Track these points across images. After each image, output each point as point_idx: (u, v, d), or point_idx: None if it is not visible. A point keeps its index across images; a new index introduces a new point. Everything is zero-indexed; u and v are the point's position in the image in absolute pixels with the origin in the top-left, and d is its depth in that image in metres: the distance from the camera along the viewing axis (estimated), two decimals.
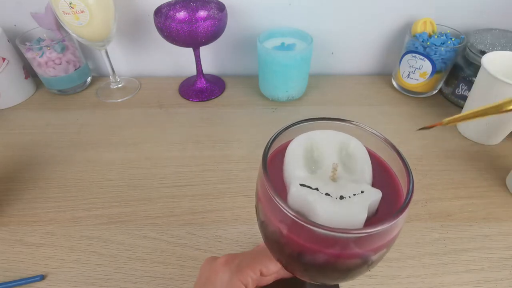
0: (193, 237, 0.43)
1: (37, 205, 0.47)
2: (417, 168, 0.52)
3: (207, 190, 0.49)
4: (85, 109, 0.65)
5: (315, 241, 0.19)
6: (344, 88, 0.70)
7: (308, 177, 0.21)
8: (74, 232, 0.44)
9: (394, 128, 0.60)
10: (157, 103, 0.67)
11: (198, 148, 0.56)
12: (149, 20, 0.66)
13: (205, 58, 0.71)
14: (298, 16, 0.66)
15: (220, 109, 0.65)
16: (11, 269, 0.40)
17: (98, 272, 0.40)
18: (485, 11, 0.65)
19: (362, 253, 0.19)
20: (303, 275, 0.24)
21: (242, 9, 0.66)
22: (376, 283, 0.38)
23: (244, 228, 0.44)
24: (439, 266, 0.40)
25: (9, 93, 0.65)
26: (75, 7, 0.53)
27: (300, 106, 0.66)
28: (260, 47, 0.59)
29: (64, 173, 0.52)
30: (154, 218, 0.45)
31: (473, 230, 0.43)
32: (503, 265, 0.40)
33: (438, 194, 0.48)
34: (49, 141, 0.58)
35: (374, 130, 0.23)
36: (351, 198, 0.20)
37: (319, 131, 0.24)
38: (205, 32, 0.56)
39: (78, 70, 0.67)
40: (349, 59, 0.74)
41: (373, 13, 0.66)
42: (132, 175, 0.51)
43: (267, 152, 0.22)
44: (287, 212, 0.19)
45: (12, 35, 0.66)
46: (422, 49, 0.60)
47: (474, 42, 0.59)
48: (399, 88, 0.69)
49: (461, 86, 0.62)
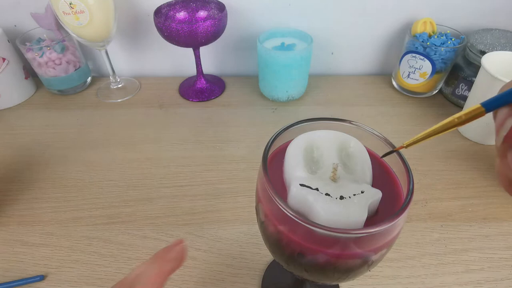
0: (193, 237, 0.43)
1: (37, 205, 0.47)
2: (417, 168, 0.52)
3: (207, 190, 0.49)
4: (85, 109, 0.65)
5: (315, 241, 0.19)
6: (344, 88, 0.70)
7: (308, 177, 0.21)
8: (74, 232, 0.44)
9: (394, 128, 0.60)
10: (157, 103, 0.67)
11: (198, 148, 0.56)
12: (149, 20, 0.67)
13: (205, 58, 0.71)
14: (298, 16, 0.66)
15: (220, 109, 0.65)
16: (11, 269, 0.40)
17: (98, 272, 0.40)
18: (485, 11, 0.65)
19: (362, 253, 0.19)
20: (303, 275, 0.24)
21: (242, 9, 0.66)
22: (376, 283, 0.38)
23: (244, 228, 0.44)
24: (439, 266, 0.40)
25: (9, 93, 0.65)
26: (75, 7, 0.53)
27: (300, 106, 0.66)
28: (260, 47, 0.59)
29: (64, 173, 0.52)
30: (154, 218, 0.45)
31: (473, 230, 0.43)
32: (503, 265, 0.40)
33: (438, 194, 0.48)
34: (49, 141, 0.58)
35: (374, 130, 0.23)
36: (351, 198, 0.20)
37: (319, 131, 0.24)
38: (205, 32, 0.56)
39: (78, 70, 0.67)
40: (349, 59, 0.74)
41: (373, 13, 0.66)
42: (132, 175, 0.51)
43: (267, 152, 0.22)
44: (287, 212, 0.19)
45: (12, 35, 0.66)
46: (422, 49, 0.60)
47: (474, 42, 0.59)
48: (399, 88, 0.69)
49: (461, 86, 0.62)
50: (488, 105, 0.16)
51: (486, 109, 0.16)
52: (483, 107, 0.16)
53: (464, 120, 0.16)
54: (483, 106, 0.16)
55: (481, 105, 0.16)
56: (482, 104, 0.16)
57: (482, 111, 0.16)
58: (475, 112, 0.16)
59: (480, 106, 0.16)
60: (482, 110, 0.16)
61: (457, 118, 0.17)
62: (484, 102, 0.16)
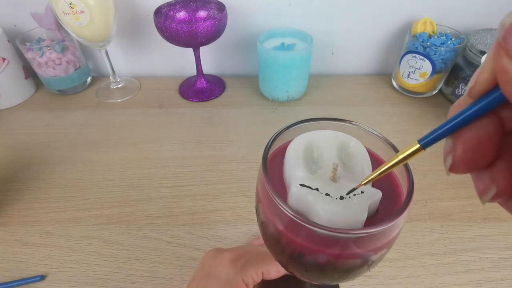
0: (193, 237, 0.43)
1: (37, 205, 0.47)
2: (417, 168, 0.52)
3: (207, 190, 0.49)
4: (85, 109, 0.65)
5: (315, 241, 0.19)
6: (344, 88, 0.70)
7: (308, 177, 0.21)
8: (74, 232, 0.44)
9: (394, 128, 0.60)
10: (157, 103, 0.67)
11: (198, 148, 0.56)
12: (149, 20, 0.66)
13: (205, 58, 0.71)
14: (298, 16, 0.66)
15: (220, 109, 0.65)
16: (11, 269, 0.40)
17: (98, 272, 0.40)
18: (485, 11, 0.65)
19: (362, 253, 0.19)
20: (303, 275, 0.23)
21: (242, 9, 0.66)
22: (376, 283, 0.38)
23: (244, 228, 0.44)
24: (439, 266, 0.40)
25: (9, 93, 0.65)
26: (75, 7, 0.53)
27: (300, 106, 0.66)
28: (260, 47, 0.59)
29: (64, 173, 0.52)
30: (154, 218, 0.45)
31: (473, 230, 0.43)
32: (503, 265, 0.40)
33: (438, 194, 0.48)
34: (49, 141, 0.58)
35: (374, 130, 0.23)
36: (351, 198, 0.20)
37: (319, 131, 0.24)
38: (205, 32, 0.56)
39: (78, 70, 0.67)
40: (349, 59, 0.74)
41: (373, 13, 0.66)
42: (132, 175, 0.51)
43: (267, 152, 0.22)
44: (287, 212, 0.19)
45: (12, 35, 0.66)
46: (422, 49, 0.60)
47: (474, 42, 0.59)
48: (399, 88, 0.69)
49: (461, 86, 0.62)
50: (425, 143, 0.16)
51: (422, 145, 0.16)
52: (419, 144, 0.16)
53: (405, 159, 0.17)
54: (419, 142, 0.16)
55: (418, 141, 0.16)
56: (419, 141, 0.16)
57: (419, 147, 0.16)
58: (414, 150, 0.16)
59: (417, 142, 0.16)
60: (419, 146, 0.16)
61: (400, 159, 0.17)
62: (420, 139, 0.16)
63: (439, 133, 0.15)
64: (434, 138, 0.15)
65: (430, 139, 0.15)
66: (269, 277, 0.29)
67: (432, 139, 0.15)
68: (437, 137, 0.15)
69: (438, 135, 0.15)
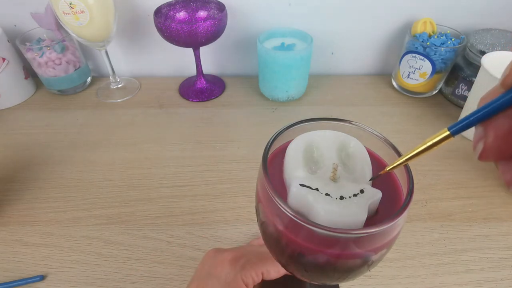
0: (193, 237, 0.43)
1: (37, 205, 0.47)
2: (417, 168, 0.52)
3: (207, 190, 0.49)
4: (85, 109, 0.65)
5: (315, 241, 0.19)
6: (344, 88, 0.70)
7: (308, 177, 0.21)
8: (74, 232, 0.44)
9: (394, 128, 0.60)
10: (157, 103, 0.67)
11: (198, 148, 0.56)
12: (149, 20, 0.66)
13: (205, 58, 0.71)
14: (298, 16, 0.66)
15: (220, 109, 0.65)
16: (11, 269, 0.40)
17: (98, 272, 0.40)
18: (485, 11, 0.65)
19: (362, 253, 0.19)
20: (303, 275, 0.24)
21: (242, 9, 0.66)
22: (376, 283, 0.38)
23: (244, 228, 0.44)
24: (439, 266, 0.40)
25: (9, 93, 0.65)
26: (75, 7, 0.53)
27: (300, 106, 0.66)
28: (260, 47, 0.59)
29: (64, 173, 0.52)
30: (154, 218, 0.45)
31: (473, 230, 0.43)
32: (503, 265, 0.40)
33: (438, 194, 0.48)
34: (49, 141, 0.58)
35: (374, 130, 0.23)
36: (351, 198, 0.20)
37: (319, 131, 0.24)
38: (205, 32, 0.56)
39: (78, 70, 0.67)
40: (349, 59, 0.74)
41: (373, 13, 0.66)
42: (132, 175, 0.51)
43: (267, 152, 0.22)
44: (287, 212, 0.19)
45: (12, 35, 0.66)
46: (422, 49, 0.60)
47: (474, 42, 0.59)
48: (399, 88, 0.69)
49: (461, 86, 0.62)
50: (455, 130, 0.16)
51: (452, 133, 0.16)
52: (448, 131, 0.16)
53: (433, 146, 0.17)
54: (449, 130, 0.16)
55: (447, 129, 0.16)
56: (448, 128, 0.16)
57: (448, 134, 0.16)
58: (443, 137, 0.16)
59: (446, 130, 0.16)
60: (448, 133, 0.16)
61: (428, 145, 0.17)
62: (450, 126, 0.16)
63: (470, 120, 0.15)
64: (465, 126, 0.15)
65: (460, 127, 0.15)
66: (269, 277, 0.29)
67: (462, 126, 0.15)
68: (467, 124, 0.15)
69: (469, 122, 0.15)
